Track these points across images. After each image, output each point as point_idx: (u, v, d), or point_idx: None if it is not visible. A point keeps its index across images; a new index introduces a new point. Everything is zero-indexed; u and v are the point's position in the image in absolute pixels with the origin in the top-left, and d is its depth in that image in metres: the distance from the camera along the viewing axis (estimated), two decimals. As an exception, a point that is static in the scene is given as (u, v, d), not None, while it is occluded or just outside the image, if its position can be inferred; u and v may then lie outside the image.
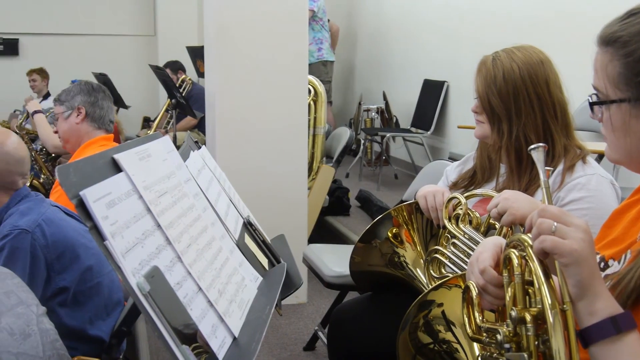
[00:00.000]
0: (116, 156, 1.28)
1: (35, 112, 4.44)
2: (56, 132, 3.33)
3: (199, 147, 2.11)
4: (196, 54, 7.37)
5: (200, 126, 6.58)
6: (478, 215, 1.90)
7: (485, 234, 1.87)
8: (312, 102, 4.80)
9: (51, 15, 8.44)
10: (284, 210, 3.92)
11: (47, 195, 3.03)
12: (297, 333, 3.75)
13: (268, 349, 3.53)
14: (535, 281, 1.10)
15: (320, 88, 4.86)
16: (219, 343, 1.25)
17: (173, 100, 5.25)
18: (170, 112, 6.12)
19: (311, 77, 4.91)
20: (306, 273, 3.58)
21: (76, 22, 8.53)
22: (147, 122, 8.08)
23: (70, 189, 1.09)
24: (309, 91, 4.83)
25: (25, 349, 1.53)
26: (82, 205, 1.09)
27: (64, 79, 7.35)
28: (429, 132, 6.49)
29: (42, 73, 7.45)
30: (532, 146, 1.26)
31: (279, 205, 3.90)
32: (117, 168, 1.27)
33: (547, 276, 1.10)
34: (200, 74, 7.49)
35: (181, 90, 5.91)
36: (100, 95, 3.16)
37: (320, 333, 3.41)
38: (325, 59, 7.21)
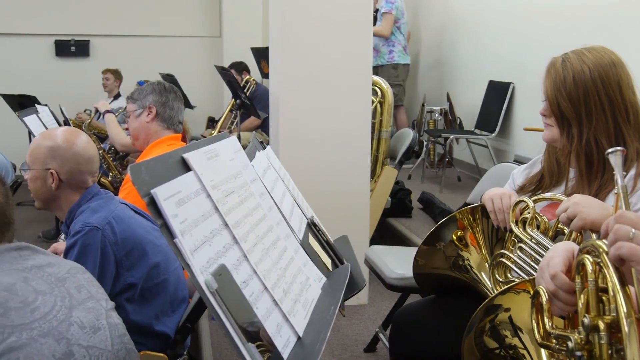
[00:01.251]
0: (185, 155, 1.30)
1: (106, 111, 4.57)
2: (127, 129, 3.40)
3: (264, 147, 2.13)
4: (260, 55, 7.44)
5: (263, 126, 6.64)
6: (546, 219, 1.86)
7: (553, 239, 1.83)
8: (378, 105, 4.77)
9: (121, 18, 8.65)
10: (346, 211, 3.92)
11: (115, 193, 3.09)
12: (358, 334, 3.74)
13: (329, 350, 3.53)
14: (610, 288, 1.07)
15: (388, 91, 4.82)
16: (283, 342, 1.26)
17: (237, 101, 5.30)
18: (234, 112, 6.19)
19: (378, 79, 4.89)
20: (367, 274, 3.57)
21: (144, 24, 8.71)
22: (211, 122, 8.19)
23: (142, 187, 1.11)
24: (376, 93, 4.81)
25: (95, 342, 1.56)
26: (153, 203, 1.11)
27: (132, 80, 7.53)
28: (493, 134, 6.38)
29: (115, 74, 7.66)
30: (610, 150, 1.23)
31: (341, 206, 3.90)
32: (186, 167, 1.29)
33: (623, 284, 1.06)
34: (264, 75, 7.56)
35: (245, 91, 5.97)
36: (172, 96, 3.21)
37: (381, 335, 3.40)
38: (396, 62, 7.15)
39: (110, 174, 5.34)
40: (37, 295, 1.51)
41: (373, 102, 4.77)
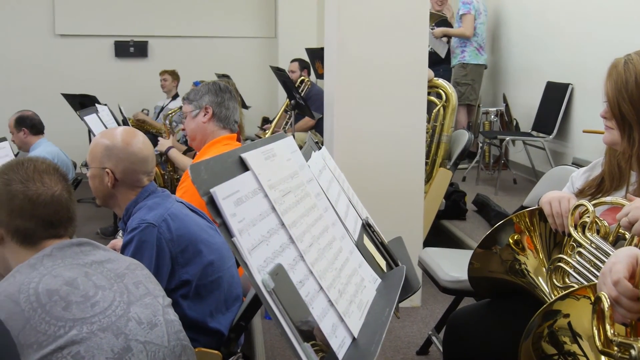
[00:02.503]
0: (243, 155, 1.32)
1: (168, 149, 4.63)
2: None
3: (320, 148, 2.13)
4: (315, 55, 7.46)
5: (317, 127, 6.65)
6: (606, 224, 1.82)
7: (614, 244, 1.78)
8: (441, 108, 4.72)
9: (178, 19, 8.79)
10: (400, 212, 3.90)
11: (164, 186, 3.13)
12: (411, 337, 3.72)
13: (381, 352, 3.50)
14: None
15: (453, 95, 4.76)
16: (338, 343, 1.26)
17: (292, 101, 5.33)
18: (288, 112, 6.23)
19: (443, 83, 4.83)
20: (421, 276, 3.54)
21: (201, 25, 8.83)
22: (266, 123, 8.26)
23: (201, 186, 1.13)
24: (440, 96, 4.77)
25: (152, 338, 1.59)
26: (212, 202, 1.13)
27: (189, 80, 7.64)
28: (551, 136, 6.27)
29: (173, 74, 7.81)
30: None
31: (394, 207, 3.88)
32: (244, 167, 1.31)
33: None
34: (319, 75, 7.58)
35: (300, 91, 6.00)
36: (227, 96, 3.23)
37: (434, 338, 3.37)
38: (466, 61, 7.08)
39: (167, 170, 5.43)
40: (97, 290, 1.55)
41: (436, 105, 4.73)
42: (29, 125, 5.05)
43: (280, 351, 3.52)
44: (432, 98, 4.73)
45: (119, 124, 5.82)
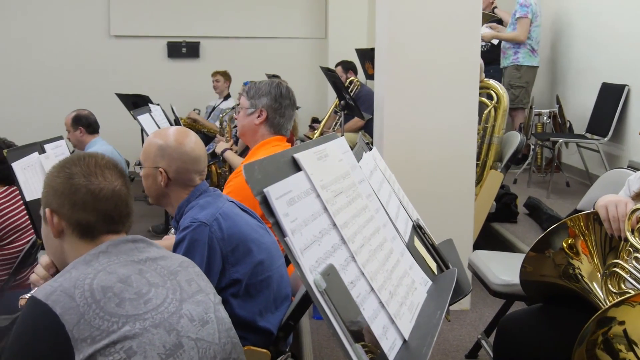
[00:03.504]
0: (296, 155, 1.32)
1: (224, 150, 4.64)
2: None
3: (370, 148, 2.13)
4: (365, 56, 7.46)
5: (366, 128, 6.64)
6: (666, 229, 1.77)
7: (673, 249, 1.74)
8: (492, 110, 4.67)
9: (229, 20, 8.88)
10: (450, 214, 3.87)
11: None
12: (459, 340, 3.68)
13: (430, 355, 3.49)
14: None
15: (504, 96, 4.70)
16: (389, 344, 1.25)
17: (342, 102, 5.33)
18: (338, 113, 6.23)
19: (495, 83, 4.77)
20: (470, 279, 3.50)
21: (252, 26, 8.91)
22: (315, 123, 8.28)
23: (255, 185, 1.14)
24: (491, 97, 4.71)
25: (203, 335, 1.60)
26: (265, 201, 1.13)
27: (239, 80, 7.72)
28: (605, 139, 6.13)
29: (225, 75, 7.91)
30: None
31: (444, 209, 3.85)
32: (296, 167, 1.31)
33: None
34: (369, 76, 7.57)
35: (350, 92, 5.99)
36: (286, 103, 3.15)
37: (483, 342, 3.33)
38: (520, 63, 6.96)
39: (223, 169, 5.49)
40: (150, 287, 1.57)
41: (487, 106, 4.68)
42: (85, 124, 5.15)
43: (328, 351, 3.52)
44: (483, 99, 4.67)
45: (171, 124, 5.91)
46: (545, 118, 7.13)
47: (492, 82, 4.79)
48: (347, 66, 7.37)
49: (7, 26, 8.67)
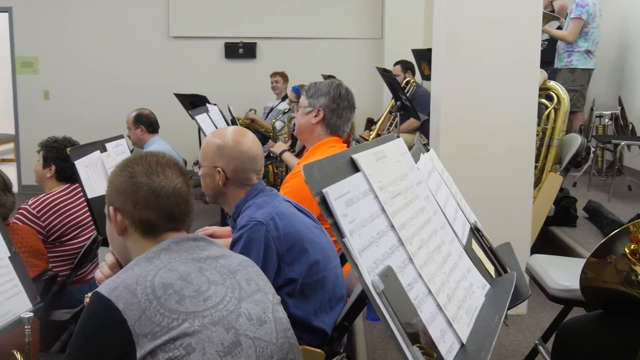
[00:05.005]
0: (355, 156, 1.32)
1: (282, 151, 4.65)
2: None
3: (428, 150, 2.11)
4: (421, 56, 7.40)
5: (422, 129, 6.59)
6: None
7: None
8: (552, 111, 4.58)
9: (285, 21, 8.93)
10: (508, 217, 3.81)
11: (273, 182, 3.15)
12: (516, 345, 3.63)
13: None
14: None
15: (565, 98, 4.61)
16: (447, 348, 1.24)
17: (398, 103, 5.30)
18: (393, 114, 6.20)
19: (556, 85, 4.69)
20: (527, 283, 3.44)
21: (308, 26, 8.94)
22: (370, 124, 8.26)
23: (314, 186, 1.14)
24: (552, 99, 4.63)
25: (261, 334, 1.61)
26: (324, 202, 1.13)
27: (294, 81, 7.76)
28: (670, 142, 5.96)
29: (284, 76, 7.98)
30: None
31: (502, 211, 3.79)
32: (355, 168, 1.31)
33: None
34: (425, 77, 7.51)
35: (406, 93, 5.96)
36: (344, 104, 3.15)
37: (541, 347, 3.26)
38: (574, 66, 6.81)
39: (279, 169, 5.53)
40: (210, 285, 1.59)
41: (547, 107, 4.60)
42: (146, 123, 5.25)
43: (382, 353, 3.51)
44: (543, 100, 4.59)
45: (227, 124, 5.97)
46: (606, 120, 6.97)
47: (552, 83, 4.71)
48: (406, 66, 7.32)
49: (71, 28, 8.91)
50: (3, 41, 9.38)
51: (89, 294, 1.59)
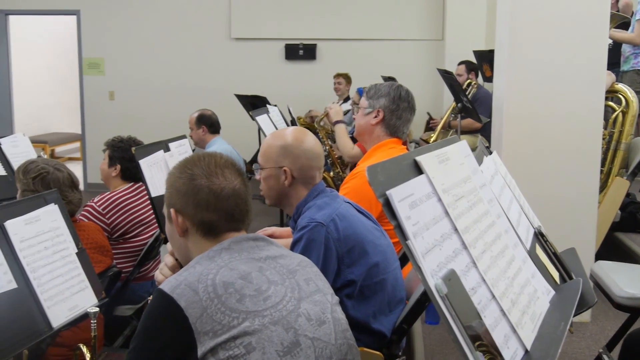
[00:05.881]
0: (418, 158, 1.31)
1: (337, 122, 4.59)
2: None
3: (490, 153, 2.08)
4: (483, 58, 7.30)
5: (481, 131, 6.50)
6: None
7: None
8: (620, 115, 4.46)
9: (346, 22, 8.93)
10: (572, 222, 3.73)
11: (336, 188, 3.16)
12: (578, 353, 3.55)
13: (546, 366, 3.38)
14: None
15: (634, 101, 4.49)
16: (510, 354, 1.22)
17: (459, 104, 5.25)
18: (453, 115, 6.14)
19: (624, 87, 4.57)
20: (592, 291, 3.36)
21: (368, 28, 8.92)
22: (429, 122, 8.19)
23: (378, 187, 1.13)
24: (619, 101, 4.51)
25: (320, 335, 1.61)
26: (388, 204, 1.13)
27: (355, 83, 7.76)
28: None
29: (347, 78, 8.01)
30: None
31: (565, 216, 3.72)
32: (418, 170, 1.30)
33: None
34: (486, 78, 7.40)
35: (467, 94, 5.89)
36: (403, 105, 3.14)
37: (605, 356, 3.18)
38: None
39: (334, 170, 5.53)
40: (269, 285, 1.60)
41: (615, 110, 4.48)
42: (208, 123, 5.33)
43: (440, 357, 3.48)
44: (611, 103, 4.48)
45: (287, 125, 6.01)
46: (678, 123, 6.72)
47: (621, 85, 4.58)
48: (470, 66, 7.22)
49: (136, 30, 9.12)
50: (72, 43, 9.66)
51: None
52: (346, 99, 7.87)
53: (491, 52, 6.07)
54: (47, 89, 11.33)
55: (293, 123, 6.40)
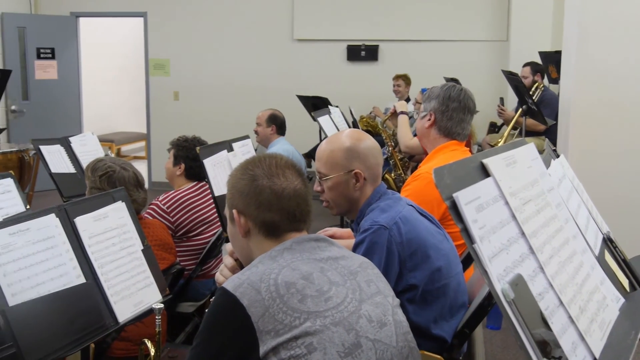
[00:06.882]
0: (485, 161, 1.29)
1: (401, 112, 4.63)
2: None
3: (558, 156, 2.04)
4: (549, 59, 7.16)
5: (546, 133, 6.36)
6: None
7: None
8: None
9: (408, 23, 8.87)
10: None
11: (397, 190, 3.13)
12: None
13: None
14: None
15: None
16: (578, 362, 1.19)
17: (524, 106, 5.16)
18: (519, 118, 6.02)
19: None
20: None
21: (431, 29, 8.84)
22: (492, 128, 8.07)
23: (444, 190, 1.12)
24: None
25: (381, 336, 1.61)
26: (454, 207, 1.12)
27: (416, 84, 7.70)
28: None
29: (406, 79, 7.96)
30: None
31: (635, 221, 3.62)
32: (485, 172, 1.28)
33: None
34: (552, 80, 7.26)
35: (532, 96, 5.78)
36: (453, 105, 3.05)
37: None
38: None
39: (396, 172, 5.51)
40: (331, 286, 1.60)
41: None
42: (278, 124, 5.40)
43: (502, 363, 3.42)
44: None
45: (349, 126, 6.01)
46: None
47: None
48: (536, 68, 7.06)
49: (200, 32, 9.26)
50: (139, 44, 9.88)
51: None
52: (406, 100, 7.82)
53: (557, 53, 5.95)
54: (114, 90, 11.61)
55: (354, 124, 6.40)
